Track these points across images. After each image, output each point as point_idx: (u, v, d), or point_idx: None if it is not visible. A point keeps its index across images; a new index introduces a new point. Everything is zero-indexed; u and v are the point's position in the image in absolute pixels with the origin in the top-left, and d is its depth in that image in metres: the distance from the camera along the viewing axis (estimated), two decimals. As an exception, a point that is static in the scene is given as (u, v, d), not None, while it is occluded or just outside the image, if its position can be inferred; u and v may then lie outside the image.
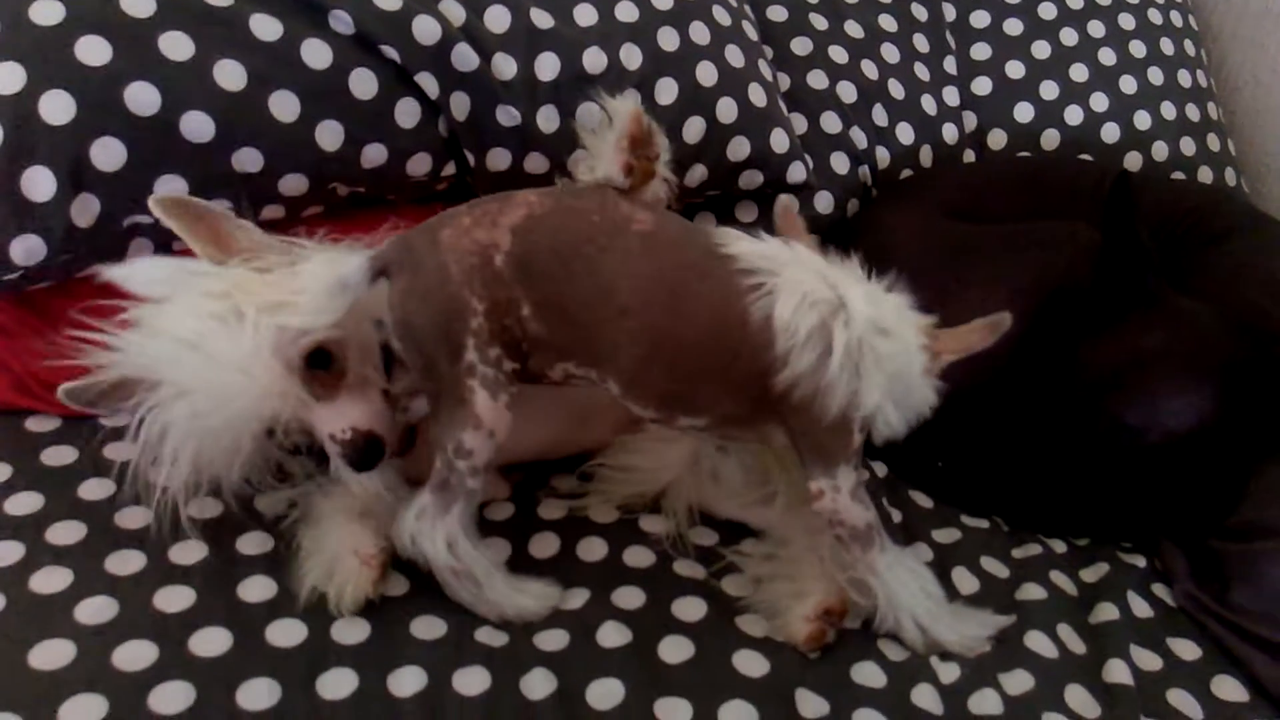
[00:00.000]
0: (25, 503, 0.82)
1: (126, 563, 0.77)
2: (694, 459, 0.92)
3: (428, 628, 0.77)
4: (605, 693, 0.73)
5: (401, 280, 0.74)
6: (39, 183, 0.84)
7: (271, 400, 0.73)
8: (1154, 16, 1.48)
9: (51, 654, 0.70)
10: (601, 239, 0.74)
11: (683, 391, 0.76)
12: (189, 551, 0.79)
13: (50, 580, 0.75)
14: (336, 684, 0.71)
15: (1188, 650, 0.87)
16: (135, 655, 0.70)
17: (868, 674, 0.79)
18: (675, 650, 0.78)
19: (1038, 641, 0.85)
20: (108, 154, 0.86)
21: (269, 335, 0.72)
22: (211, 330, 0.72)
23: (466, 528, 0.76)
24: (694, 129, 1.11)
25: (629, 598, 0.82)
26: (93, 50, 0.86)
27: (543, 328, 0.74)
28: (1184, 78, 1.46)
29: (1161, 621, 0.90)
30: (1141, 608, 0.91)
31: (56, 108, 0.84)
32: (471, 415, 0.74)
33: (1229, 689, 0.84)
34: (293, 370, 0.74)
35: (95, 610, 0.73)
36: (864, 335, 0.71)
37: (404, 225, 0.89)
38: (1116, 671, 0.83)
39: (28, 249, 0.85)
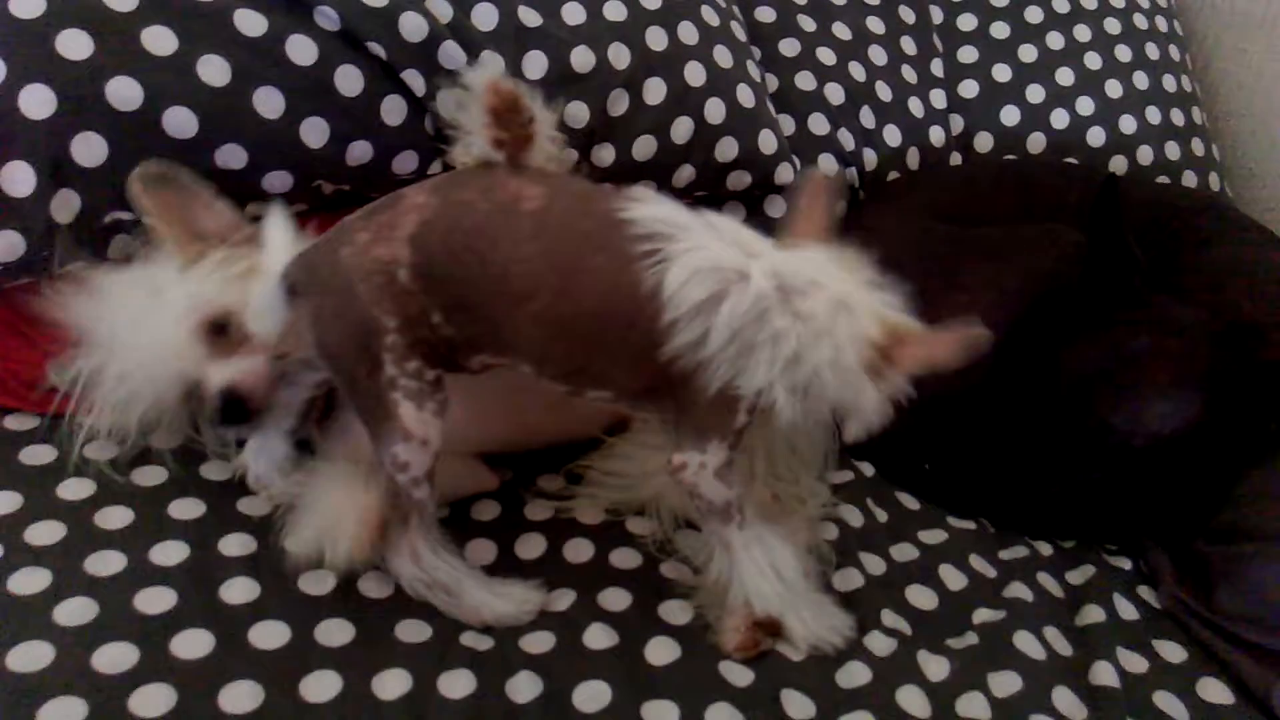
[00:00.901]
0: (3, 502, 0.80)
1: (106, 563, 0.76)
2: None
3: (412, 631, 0.76)
4: (592, 695, 0.73)
5: (311, 302, 0.73)
6: (18, 178, 0.83)
7: (179, 362, 0.80)
8: (1140, 21, 1.48)
9: (30, 656, 0.68)
10: (491, 229, 0.72)
11: (585, 366, 0.74)
12: (170, 552, 0.78)
13: (29, 581, 0.74)
14: (320, 687, 0.70)
15: (1173, 653, 0.87)
16: (116, 657, 0.69)
17: (854, 674, 0.79)
18: (662, 652, 0.78)
19: (1025, 642, 0.85)
20: (89, 149, 0.85)
21: (181, 304, 0.80)
22: (141, 303, 0.81)
23: (428, 538, 0.76)
24: (682, 129, 1.11)
25: (615, 599, 0.82)
26: (74, 44, 0.84)
27: (453, 329, 0.74)
28: (1169, 82, 1.47)
29: (1147, 624, 0.90)
30: (1127, 610, 0.91)
31: (36, 101, 0.83)
32: (400, 428, 0.73)
33: (1214, 691, 0.84)
34: (197, 336, 0.81)
35: (75, 611, 0.72)
36: (763, 310, 0.68)
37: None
38: (1103, 674, 0.83)
39: (7, 245, 0.84)
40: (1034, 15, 1.45)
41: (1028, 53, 1.43)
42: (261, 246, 0.76)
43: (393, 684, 0.72)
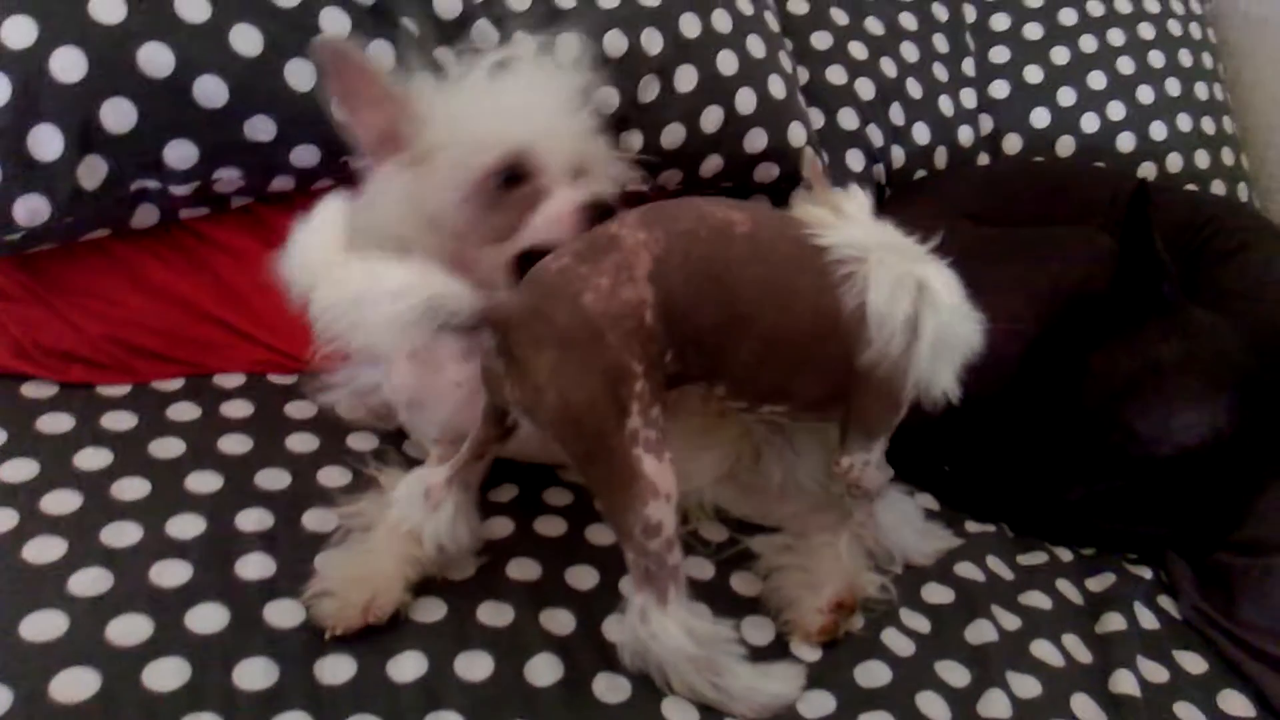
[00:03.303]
0: (19, 470, 0.80)
1: (122, 535, 0.76)
2: (721, 470, 0.91)
3: (428, 610, 0.75)
4: (612, 686, 0.72)
5: (546, 354, 0.68)
6: (46, 141, 0.82)
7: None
8: (1173, 28, 1.47)
9: (44, 625, 0.68)
10: (719, 254, 0.72)
11: (782, 383, 0.76)
12: (186, 525, 0.77)
13: (44, 550, 0.73)
14: (335, 668, 0.69)
15: (1194, 664, 0.86)
16: (130, 629, 0.69)
17: (873, 674, 0.78)
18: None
19: (1044, 650, 0.84)
20: (118, 115, 0.84)
21: None
22: None
23: (693, 609, 0.71)
24: (712, 118, 1.10)
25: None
26: (107, 7, 0.83)
27: (680, 365, 0.72)
28: (1201, 90, 1.45)
29: (1168, 634, 0.89)
30: (1148, 619, 0.90)
31: (67, 65, 0.82)
32: (647, 486, 0.68)
33: (1236, 704, 0.83)
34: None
35: (90, 582, 0.71)
36: (948, 320, 0.75)
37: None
38: (1123, 682, 0.82)
39: (31, 209, 0.83)
40: (1068, 18, 1.44)
41: (1060, 55, 1.41)
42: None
43: (408, 666, 0.71)
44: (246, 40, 0.88)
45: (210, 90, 0.86)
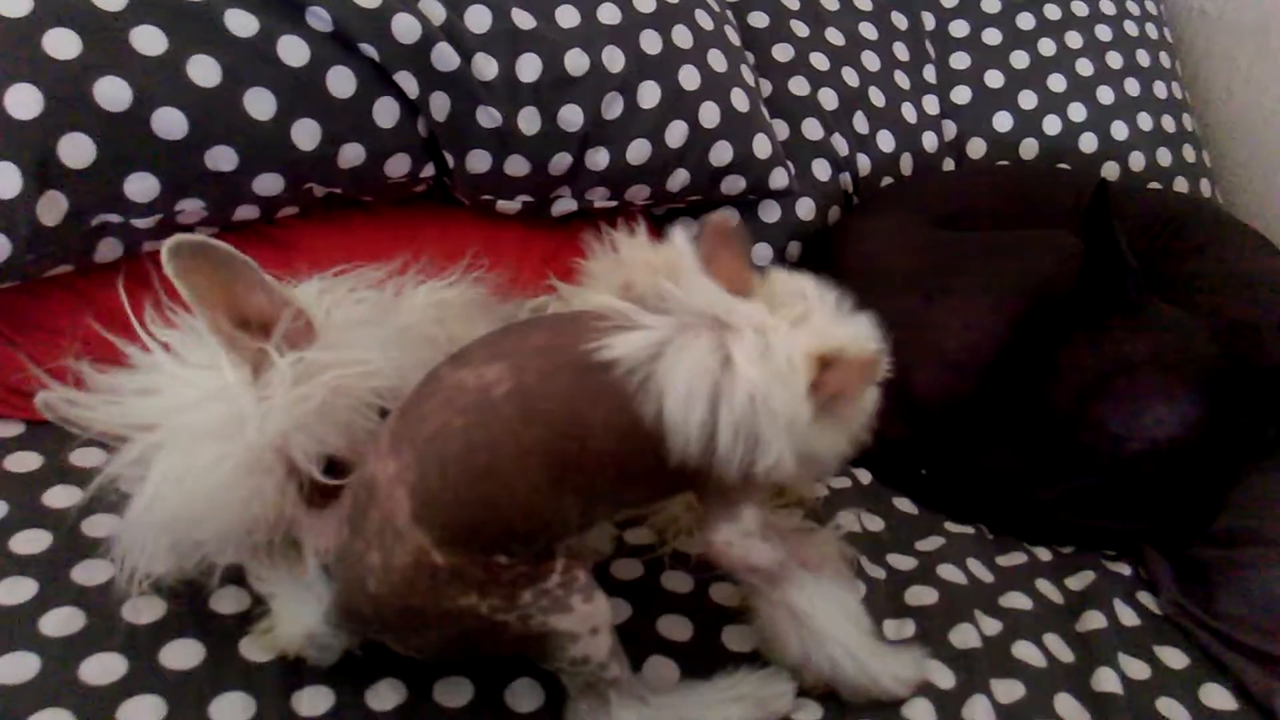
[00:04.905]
0: (-13, 511, 0.78)
1: (94, 572, 0.74)
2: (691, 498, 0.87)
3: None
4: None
5: (385, 635, 0.67)
6: (3, 179, 0.81)
7: (261, 513, 0.66)
8: (1130, 29, 1.49)
9: (15, 668, 0.67)
10: (479, 443, 0.62)
11: (620, 501, 0.71)
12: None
13: (14, 591, 0.72)
14: (313, 699, 0.69)
15: (1176, 658, 0.87)
16: (104, 668, 0.68)
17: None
18: (663, 671, 0.76)
19: (1026, 651, 0.84)
20: (76, 150, 0.83)
21: (279, 428, 0.64)
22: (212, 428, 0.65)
23: (633, 704, 0.68)
24: (676, 133, 1.10)
25: (616, 611, 0.80)
26: (62, 43, 0.83)
27: (521, 560, 0.64)
28: (1160, 89, 1.47)
29: (1148, 629, 0.90)
30: (1128, 616, 0.90)
31: (23, 101, 0.81)
32: (562, 635, 0.65)
33: (1218, 697, 0.83)
34: (288, 483, 0.66)
35: (62, 622, 0.70)
36: (753, 400, 0.64)
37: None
38: (1105, 680, 0.82)
39: (-9, 248, 0.82)
40: (1026, 22, 1.45)
41: (1020, 59, 1.43)
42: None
43: (387, 694, 0.70)
44: (204, 71, 0.87)
45: (169, 122, 0.86)
